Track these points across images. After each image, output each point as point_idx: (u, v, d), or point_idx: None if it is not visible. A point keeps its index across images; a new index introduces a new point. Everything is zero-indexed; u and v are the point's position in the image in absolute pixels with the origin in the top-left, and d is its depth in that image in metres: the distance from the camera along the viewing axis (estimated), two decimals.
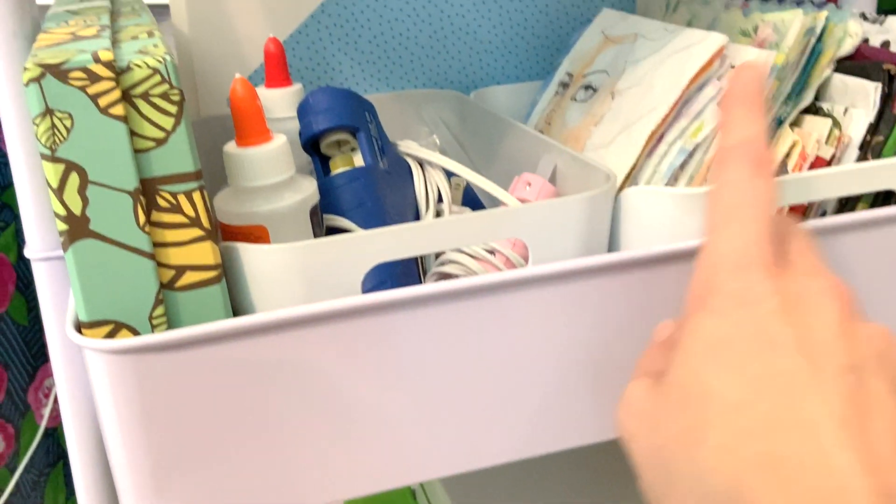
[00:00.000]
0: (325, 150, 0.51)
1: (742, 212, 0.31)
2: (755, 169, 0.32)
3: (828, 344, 0.28)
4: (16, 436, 1.06)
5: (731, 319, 0.29)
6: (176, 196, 0.37)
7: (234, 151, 0.42)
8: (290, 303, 0.40)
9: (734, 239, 0.31)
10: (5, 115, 0.45)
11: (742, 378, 0.28)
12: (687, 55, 0.51)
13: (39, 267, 0.47)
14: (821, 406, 0.27)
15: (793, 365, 0.28)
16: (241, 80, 0.41)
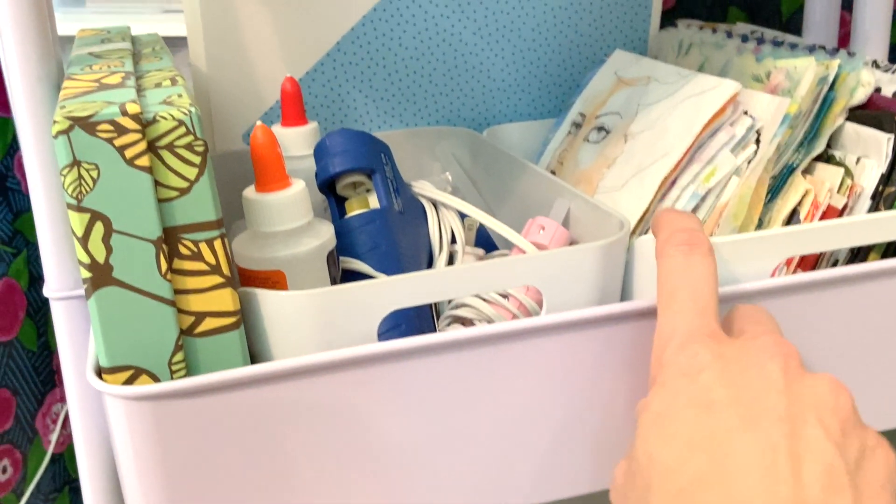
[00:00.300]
0: (340, 191, 0.51)
1: (681, 293, 0.34)
2: (689, 252, 0.35)
3: (765, 400, 0.29)
4: (23, 461, 1.06)
5: (673, 390, 0.31)
6: (197, 244, 0.38)
7: (253, 197, 0.42)
8: (307, 348, 0.40)
9: (676, 317, 0.34)
10: (28, 157, 0.45)
11: (678, 442, 0.29)
12: (700, 101, 0.51)
13: (57, 306, 0.48)
14: (748, 458, 0.27)
15: (726, 423, 0.29)
16: (262, 128, 0.42)
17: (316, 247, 0.42)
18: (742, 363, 0.31)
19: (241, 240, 0.43)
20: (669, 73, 0.56)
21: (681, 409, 0.30)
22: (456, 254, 0.52)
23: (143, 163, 0.36)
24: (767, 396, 0.29)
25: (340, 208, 0.51)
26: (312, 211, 0.44)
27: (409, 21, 0.63)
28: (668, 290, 0.35)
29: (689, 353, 0.32)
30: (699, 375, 0.31)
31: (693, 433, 0.29)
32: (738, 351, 0.31)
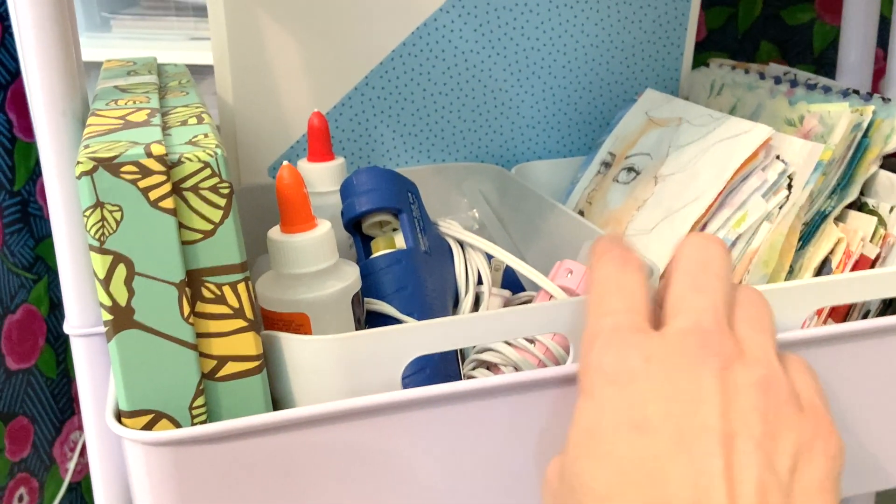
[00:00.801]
0: (366, 230, 0.51)
1: (612, 296, 0.32)
2: (624, 264, 0.33)
3: (697, 415, 0.27)
4: (40, 489, 1.06)
5: (602, 402, 0.29)
6: (221, 287, 0.37)
7: (278, 238, 0.42)
8: (330, 393, 0.39)
9: (603, 317, 0.31)
10: (51, 193, 0.45)
11: (610, 468, 0.28)
12: (733, 145, 0.50)
13: (78, 343, 0.47)
14: (682, 486, 0.26)
15: (658, 447, 0.27)
16: (288, 168, 0.41)
17: (340, 289, 0.42)
18: (672, 366, 0.29)
19: (264, 280, 0.42)
20: (701, 114, 0.55)
21: (611, 428, 0.28)
22: (482, 295, 0.51)
23: (168, 205, 0.35)
24: (699, 410, 0.27)
25: (366, 247, 0.50)
26: (338, 252, 0.43)
27: (439, 56, 0.63)
28: (598, 293, 0.33)
29: (616, 355, 0.30)
30: (628, 386, 0.29)
31: (624, 457, 0.28)
32: (668, 350, 0.29)
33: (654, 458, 0.27)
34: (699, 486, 0.26)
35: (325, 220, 0.43)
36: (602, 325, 0.31)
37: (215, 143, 0.37)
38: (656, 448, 0.27)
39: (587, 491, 0.28)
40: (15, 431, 1.02)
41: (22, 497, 1.03)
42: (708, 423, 0.27)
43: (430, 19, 0.62)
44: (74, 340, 0.48)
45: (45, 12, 0.42)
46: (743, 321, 0.31)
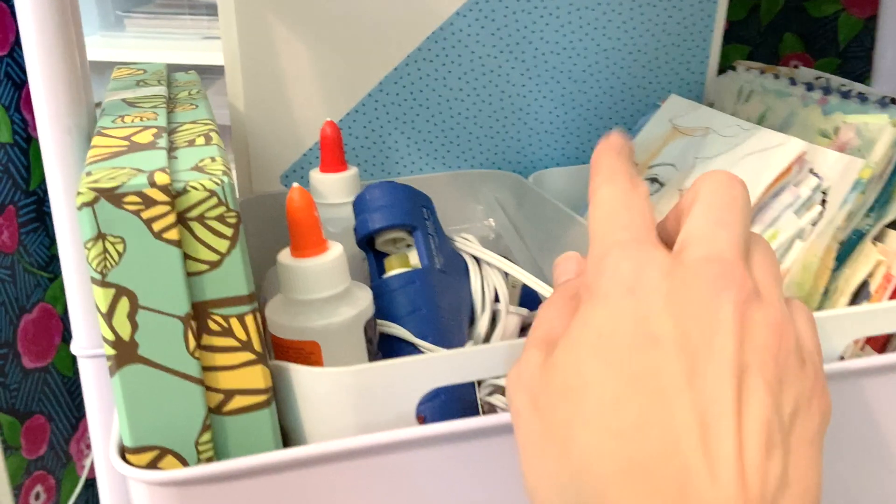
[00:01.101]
0: (380, 246, 0.49)
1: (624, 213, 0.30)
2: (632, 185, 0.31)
3: (713, 342, 0.27)
4: (56, 487, 1.06)
5: (617, 308, 0.28)
6: (228, 319, 0.36)
7: (288, 262, 0.40)
8: (342, 426, 0.38)
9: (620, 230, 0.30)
10: (58, 214, 0.44)
11: (619, 375, 0.27)
12: (764, 159, 0.48)
13: (86, 364, 0.46)
14: (689, 412, 0.26)
15: (671, 367, 0.27)
16: (299, 190, 0.40)
17: (353, 316, 0.40)
18: (692, 289, 0.28)
19: (274, 305, 0.41)
20: (729, 124, 0.53)
21: (626, 336, 0.27)
22: (499, 313, 0.50)
23: (172, 236, 0.34)
24: (715, 336, 0.27)
25: (379, 264, 0.49)
26: (349, 275, 0.41)
27: (455, 61, 0.61)
28: (610, 210, 0.31)
29: (635, 265, 0.28)
30: (646, 296, 0.28)
31: (636, 370, 0.27)
32: (687, 272, 0.28)
33: (667, 373, 0.27)
34: (707, 410, 0.26)
35: (337, 243, 0.41)
36: (619, 237, 0.30)
37: (222, 168, 0.35)
38: (669, 365, 0.27)
39: (593, 394, 0.27)
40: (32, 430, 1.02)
41: (38, 495, 1.03)
42: (723, 351, 0.27)
43: (447, 23, 0.60)
44: (82, 361, 0.47)
45: (49, 29, 0.41)
46: (758, 265, 0.30)
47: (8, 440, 0.95)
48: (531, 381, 0.30)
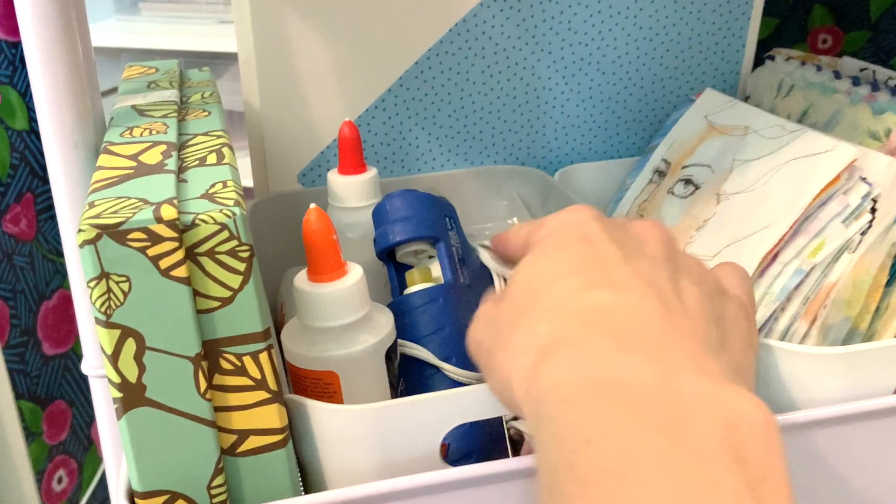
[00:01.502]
0: (401, 258, 0.47)
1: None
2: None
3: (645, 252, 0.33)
4: (79, 470, 1.05)
5: (561, 233, 0.34)
6: (241, 358, 0.34)
7: (304, 288, 0.38)
8: (362, 464, 0.36)
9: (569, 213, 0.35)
10: (65, 230, 0.42)
11: (568, 259, 0.32)
12: (810, 165, 0.45)
13: (97, 384, 0.45)
14: (636, 274, 0.31)
15: (608, 251, 0.32)
16: (316, 211, 0.37)
17: (373, 345, 0.38)
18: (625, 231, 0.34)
19: (290, 331, 0.39)
20: (771, 124, 0.50)
21: (570, 241, 0.33)
22: None
23: (181, 273, 0.32)
24: (646, 247, 0.33)
25: (400, 277, 0.47)
26: (369, 299, 0.39)
27: (478, 54, 0.58)
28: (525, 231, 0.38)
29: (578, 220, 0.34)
30: (584, 225, 0.34)
31: (581, 254, 0.32)
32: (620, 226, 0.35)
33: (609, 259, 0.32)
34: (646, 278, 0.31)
35: (357, 266, 0.39)
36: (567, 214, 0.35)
37: (234, 197, 0.33)
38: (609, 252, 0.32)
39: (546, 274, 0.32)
40: (53, 415, 1.01)
41: (61, 479, 1.03)
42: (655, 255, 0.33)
43: (470, 14, 0.57)
44: (94, 381, 0.45)
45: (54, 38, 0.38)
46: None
47: (30, 426, 0.95)
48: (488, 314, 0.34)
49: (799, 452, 0.38)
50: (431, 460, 0.37)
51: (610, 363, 0.27)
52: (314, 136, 0.59)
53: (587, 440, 0.25)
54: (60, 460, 1.02)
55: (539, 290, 0.32)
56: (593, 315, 0.29)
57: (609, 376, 0.26)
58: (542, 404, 0.27)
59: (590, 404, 0.26)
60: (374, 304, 0.40)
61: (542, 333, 0.30)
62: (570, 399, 0.26)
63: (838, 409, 0.38)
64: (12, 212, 0.81)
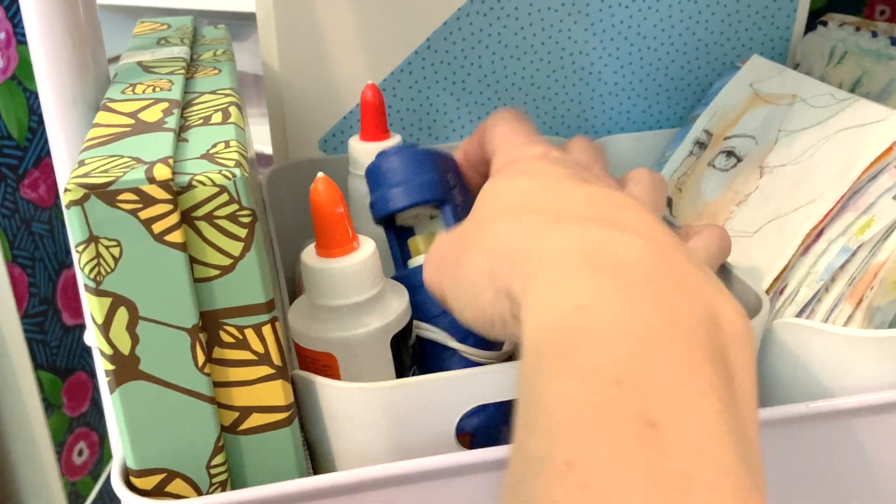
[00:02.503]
0: (401, 221, 0.43)
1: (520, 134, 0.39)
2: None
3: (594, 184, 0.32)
4: (100, 443, 1.05)
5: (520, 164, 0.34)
6: (242, 330, 0.31)
7: (308, 262, 0.35)
8: (374, 446, 0.34)
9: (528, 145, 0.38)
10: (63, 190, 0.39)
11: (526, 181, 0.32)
12: (860, 136, 0.42)
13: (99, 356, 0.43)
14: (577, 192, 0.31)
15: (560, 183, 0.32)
16: (324, 181, 0.35)
17: (377, 329, 0.35)
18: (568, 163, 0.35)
19: (296, 308, 0.36)
20: (821, 93, 0.46)
21: (529, 165, 0.34)
22: None
23: (175, 238, 0.29)
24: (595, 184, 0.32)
25: (402, 245, 0.43)
26: (381, 279, 0.36)
27: (511, 15, 0.55)
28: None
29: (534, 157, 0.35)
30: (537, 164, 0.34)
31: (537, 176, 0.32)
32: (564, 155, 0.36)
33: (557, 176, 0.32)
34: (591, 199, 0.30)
35: (369, 241, 0.36)
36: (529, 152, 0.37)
37: (236, 158, 0.31)
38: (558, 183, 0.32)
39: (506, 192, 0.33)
40: (73, 387, 1.00)
41: (82, 451, 1.02)
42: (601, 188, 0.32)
43: None
44: (96, 353, 0.43)
45: None
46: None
47: (49, 398, 0.94)
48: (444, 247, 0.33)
49: (842, 439, 0.35)
50: (446, 443, 0.34)
51: (603, 240, 0.27)
52: (336, 100, 0.56)
53: (579, 306, 0.24)
54: (81, 433, 1.02)
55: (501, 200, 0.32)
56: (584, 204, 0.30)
57: (605, 249, 0.26)
58: (540, 269, 0.26)
59: (583, 274, 0.25)
60: (390, 282, 0.38)
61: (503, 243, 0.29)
62: (562, 270, 0.26)
63: (884, 396, 0.35)
64: (31, 177, 0.80)
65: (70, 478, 0.98)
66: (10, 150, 0.79)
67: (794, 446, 0.35)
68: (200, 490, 0.32)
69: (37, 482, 0.94)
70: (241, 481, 0.33)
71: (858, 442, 0.35)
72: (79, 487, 1.00)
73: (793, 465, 0.35)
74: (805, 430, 0.34)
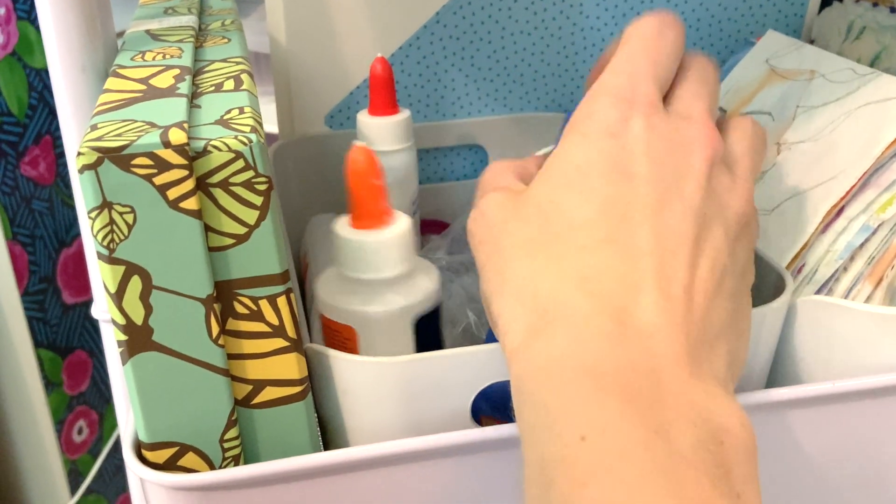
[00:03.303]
0: None
1: (642, 58, 0.32)
2: (665, 22, 0.33)
3: (683, 187, 0.29)
4: (99, 421, 1.04)
5: (597, 147, 0.30)
6: (257, 301, 0.31)
7: (338, 231, 0.35)
8: (387, 421, 0.33)
9: (622, 74, 0.31)
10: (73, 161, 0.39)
11: (591, 202, 0.29)
12: (884, 111, 0.41)
13: (107, 329, 0.42)
14: (651, 238, 0.28)
15: (639, 197, 0.29)
16: (363, 150, 0.34)
17: (399, 308, 0.34)
18: (671, 142, 0.30)
19: (326, 278, 0.36)
20: (841, 68, 0.45)
21: (603, 168, 0.30)
22: None
23: (191, 205, 0.28)
24: (685, 184, 0.30)
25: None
26: (411, 258, 0.35)
27: None
28: (629, 51, 0.32)
29: (622, 113, 0.30)
30: (627, 141, 0.30)
31: (610, 197, 0.29)
32: (671, 129, 0.31)
33: (636, 204, 0.29)
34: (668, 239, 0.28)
35: (404, 217, 0.35)
36: (621, 83, 0.31)
37: (251, 123, 0.30)
38: (639, 197, 0.29)
39: (565, 216, 0.29)
40: (73, 365, 1.00)
41: (81, 430, 1.01)
42: (692, 196, 0.29)
43: None
44: (104, 326, 0.42)
45: None
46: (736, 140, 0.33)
47: (49, 376, 0.93)
48: (495, 214, 0.31)
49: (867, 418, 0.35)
50: (461, 420, 0.34)
51: (606, 352, 0.26)
52: (343, 75, 0.55)
53: (582, 436, 0.24)
54: (81, 411, 1.01)
55: (553, 226, 0.29)
56: (598, 285, 0.28)
57: (605, 367, 0.25)
58: (534, 384, 0.26)
59: (585, 395, 0.25)
60: (422, 262, 0.37)
61: (542, 293, 0.28)
62: (565, 387, 0.25)
63: None
64: (31, 154, 0.79)
65: (70, 456, 0.98)
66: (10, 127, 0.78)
67: (816, 426, 0.34)
68: (213, 464, 0.32)
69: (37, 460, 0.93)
70: (254, 456, 0.33)
71: (885, 422, 0.35)
72: (78, 465, 1.00)
73: (815, 446, 0.35)
74: (830, 409, 0.34)
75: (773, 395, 0.33)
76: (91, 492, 1.01)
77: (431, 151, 0.59)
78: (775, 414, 0.34)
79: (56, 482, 0.96)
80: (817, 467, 0.35)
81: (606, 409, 0.24)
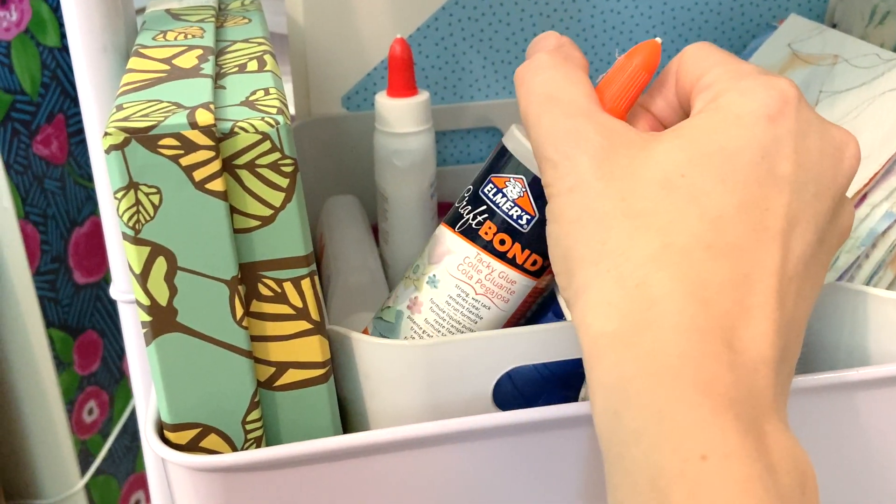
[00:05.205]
0: None
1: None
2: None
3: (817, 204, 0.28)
4: (110, 402, 1.04)
5: (751, 132, 0.27)
6: (281, 284, 0.30)
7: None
8: (408, 404, 0.33)
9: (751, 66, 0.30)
10: (93, 142, 0.39)
11: (733, 195, 0.27)
12: None
13: (126, 309, 0.42)
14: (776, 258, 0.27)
15: (779, 207, 0.27)
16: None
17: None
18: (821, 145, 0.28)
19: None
20: (865, 53, 0.45)
21: (751, 161, 0.27)
22: None
23: (217, 186, 0.28)
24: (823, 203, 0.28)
25: None
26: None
27: None
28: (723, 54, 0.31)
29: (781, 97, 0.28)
30: (781, 131, 0.27)
31: (752, 196, 0.27)
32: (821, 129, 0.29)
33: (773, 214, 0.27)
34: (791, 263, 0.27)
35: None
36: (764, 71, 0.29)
37: (277, 105, 0.30)
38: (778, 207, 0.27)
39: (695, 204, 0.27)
40: (84, 346, 1.00)
41: (92, 410, 1.02)
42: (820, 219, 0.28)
43: None
44: (122, 307, 0.42)
45: None
46: None
47: (61, 356, 0.94)
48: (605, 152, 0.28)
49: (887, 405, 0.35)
50: (483, 404, 0.34)
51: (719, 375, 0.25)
52: (361, 55, 0.55)
53: (703, 455, 0.23)
54: (91, 391, 1.01)
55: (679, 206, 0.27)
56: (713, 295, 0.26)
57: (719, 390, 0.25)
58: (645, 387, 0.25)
59: (704, 415, 0.24)
60: None
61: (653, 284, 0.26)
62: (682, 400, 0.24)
63: None
64: (43, 133, 0.79)
65: (80, 436, 0.98)
66: (23, 105, 0.78)
67: (840, 414, 0.34)
68: (235, 446, 0.32)
69: (47, 439, 0.93)
70: (276, 438, 0.33)
71: None
72: (89, 445, 1.00)
73: (839, 434, 0.34)
74: (855, 397, 0.34)
75: (795, 383, 0.33)
76: (101, 472, 1.01)
77: (448, 134, 0.58)
78: (798, 401, 0.34)
79: (66, 462, 0.97)
80: (837, 455, 0.35)
81: (727, 435, 0.24)
